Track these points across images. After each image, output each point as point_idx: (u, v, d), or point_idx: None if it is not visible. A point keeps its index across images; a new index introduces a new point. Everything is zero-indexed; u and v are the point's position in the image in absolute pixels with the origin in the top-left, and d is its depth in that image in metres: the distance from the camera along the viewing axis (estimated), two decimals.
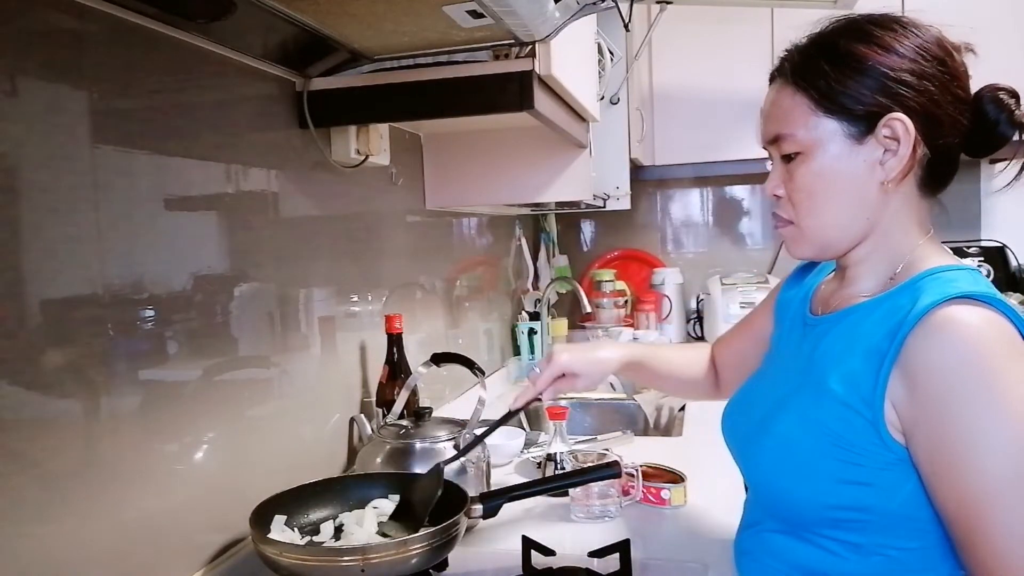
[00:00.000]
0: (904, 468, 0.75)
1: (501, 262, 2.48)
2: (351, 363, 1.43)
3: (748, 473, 0.92)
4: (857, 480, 0.77)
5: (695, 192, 3.09)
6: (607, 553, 1.02)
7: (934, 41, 0.80)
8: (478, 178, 1.76)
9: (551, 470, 1.41)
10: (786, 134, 0.84)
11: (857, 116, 0.79)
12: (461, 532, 0.94)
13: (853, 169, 0.80)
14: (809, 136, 0.82)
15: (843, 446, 0.77)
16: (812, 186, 0.82)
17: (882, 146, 0.79)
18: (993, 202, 2.82)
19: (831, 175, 0.81)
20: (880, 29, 0.80)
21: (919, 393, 0.72)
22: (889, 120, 0.78)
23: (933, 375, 0.71)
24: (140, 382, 0.89)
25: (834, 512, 0.79)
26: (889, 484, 0.76)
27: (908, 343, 0.73)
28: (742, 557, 0.93)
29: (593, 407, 2.18)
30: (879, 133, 0.79)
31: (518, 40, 1.08)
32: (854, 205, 0.82)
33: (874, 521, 0.77)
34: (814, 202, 0.83)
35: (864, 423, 0.75)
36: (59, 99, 0.79)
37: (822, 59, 0.82)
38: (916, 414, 0.73)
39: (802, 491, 0.81)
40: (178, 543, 0.95)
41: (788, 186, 0.85)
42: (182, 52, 0.98)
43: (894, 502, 0.76)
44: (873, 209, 0.81)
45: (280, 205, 1.20)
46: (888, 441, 0.75)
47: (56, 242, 0.78)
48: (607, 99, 2.25)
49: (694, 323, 2.94)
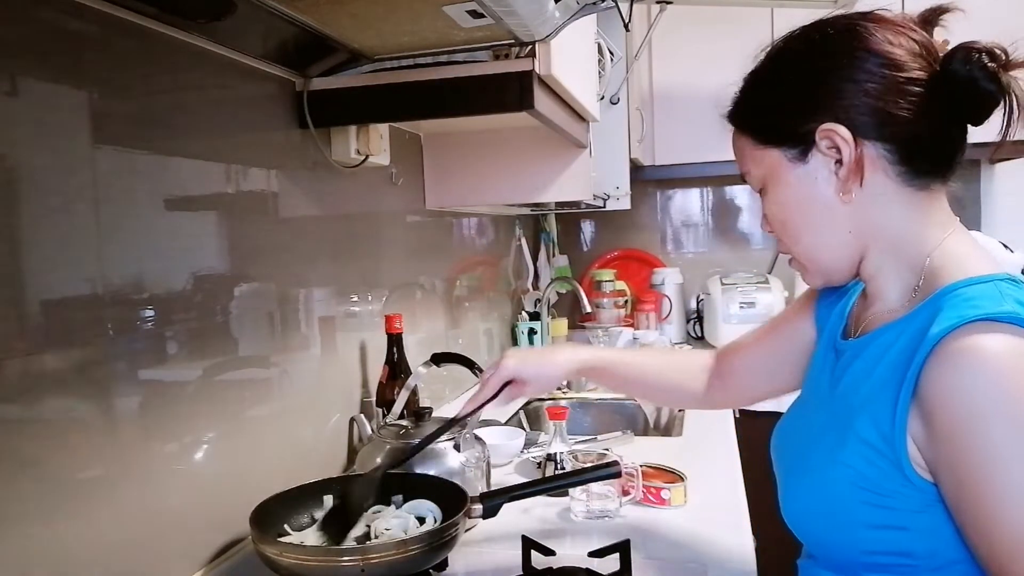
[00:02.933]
0: (942, 509, 0.68)
1: (501, 262, 2.48)
2: (351, 363, 1.43)
3: (784, 510, 0.83)
4: (891, 525, 0.71)
5: (695, 192, 3.09)
6: (607, 553, 1.02)
7: (858, 35, 0.75)
8: (478, 178, 1.76)
9: (551, 470, 1.41)
10: (746, 172, 0.85)
11: (791, 138, 0.78)
12: (461, 532, 0.94)
13: (809, 188, 0.78)
14: (760, 170, 0.82)
15: (872, 489, 0.71)
16: (782, 215, 0.82)
17: (829, 157, 0.76)
18: (993, 202, 2.82)
19: (793, 201, 0.80)
20: (804, 45, 0.79)
21: (937, 430, 0.66)
22: (823, 132, 0.75)
23: (949, 411, 0.65)
24: (140, 382, 0.89)
25: (875, 558, 0.73)
26: (928, 527, 0.69)
27: (924, 374, 0.66)
28: None
29: (593, 407, 2.17)
30: (821, 146, 0.76)
31: (518, 40, 1.08)
32: (828, 223, 0.79)
33: (921, 566, 0.71)
34: (791, 231, 0.82)
35: (888, 464, 0.69)
36: (59, 99, 0.80)
37: (748, 95, 0.83)
38: (936, 453, 0.67)
39: (837, 537, 0.76)
40: (178, 543, 0.95)
41: (769, 220, 0.85)
42: (182, 52, 0.98)
43: (938, 545, 0.69)
44: (851, 221, 0.77)
45: (280, 205, 1.20)
46: (916, 481, 0.68)
47: (56, 242, 0.78)
48: (607, 99, 2.25)
49: (694, 323, 2.94)
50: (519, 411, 2.09)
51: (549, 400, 2.18)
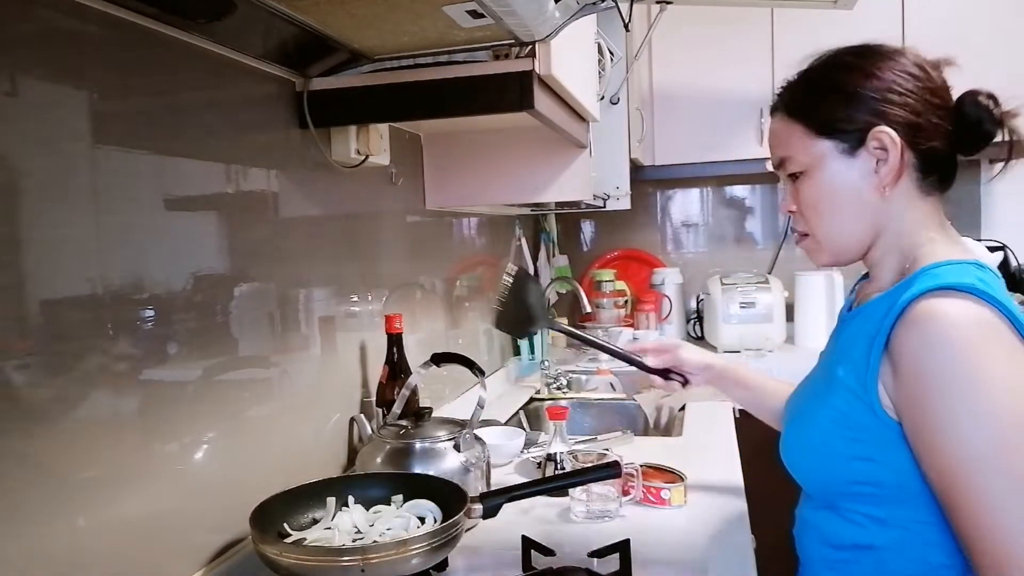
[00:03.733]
0: (905, 447, 0.83)
1: (501, 262, 2.48)
2: (351, 363, 1.43)
3: (784, 453, 1.00)
4: (864, 456, 0.86)
5: (695, 192, 3.09)
6: (607, 553, 1.02)
7: (909, 61, 0.90)
8: (478, 178, 1.76)
9: (551, 470, 1.41)
10: (788, 157, 0.95)
11: (847, 133, 0.90)
12: (461, 532, 0.94)
13: (851, 180, 0.91)
14: (806, 157, 0.93)
15: (849, 426, 0.86)
16: (817, 200, 0.94)
17: (874, 156, 0.89)
18: (993, 202, 2.82)
19: (832, 188, 0.92)
20: (860, 58, 0.91)
21: (902, 377, 0.81)
22: (876, 133, 0.88)
23: (913, 361, 0.80)
24: (140, 382, 0.89)
25: (851, 487, 0.88)
26: (894, 460, 0.84)
27: (893, 332, 0.82)
28: (796, 531, 1.02)
29: (593, 407, 2.18)
30: (869, 145, 0.89)
31: (518, 40, 1.08)
32: (857, 212, 0.92)
33: (888, 495, 0.85)
34: (822, 214, 0.94)
35: (863, 404, 0.85)
36: (59, 99, 0.80)
37: (810, 90, 0.94)
38: (901, 396, 0.82)
39: (822, 470, 0.92)
40: (178, 543, 0.95)
41: (798, 202, 0.96)
42: (182, 52, 0.98)
43: (902, 476, 0.83)
44: (876, 213, 0.91)
45: (280, 205, 1.20)
46: (884, 419, 0.83)
47: (56, 242, 0.78)
48: (607, 99, 2.25)
49: (694, 323, 2.94)
50: (519, 411, 2.09)
51: (549, 400, 2.18)
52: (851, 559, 0.90)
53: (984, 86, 0.89)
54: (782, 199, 1.00)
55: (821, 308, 2.63)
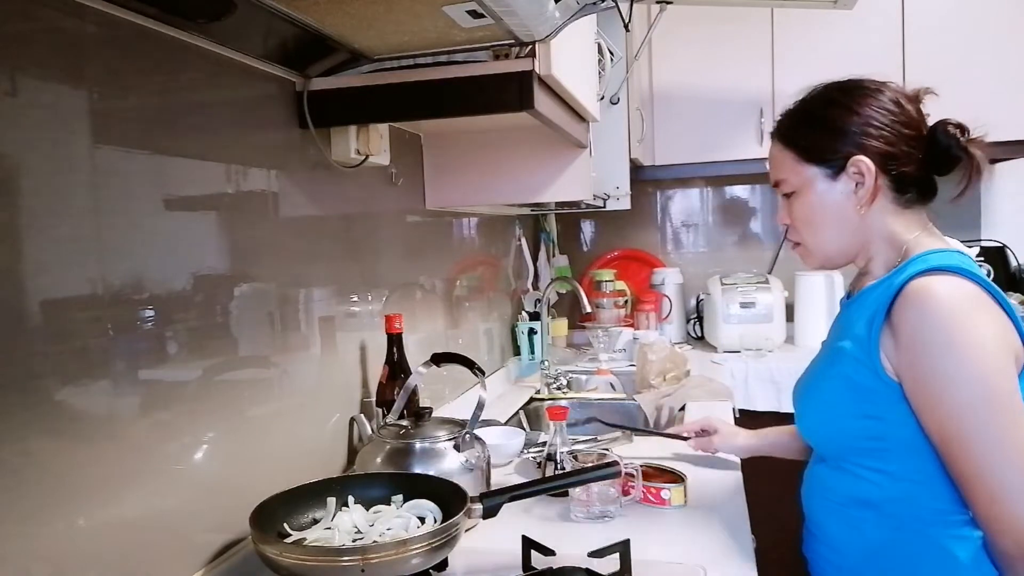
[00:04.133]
0: (906, 405, 0.97)
1: (501, 262, 2.48)
2: (351, 363, 1.43)
3: (797, 422, 1.16)
4: (871, 415, 1.00)
5: (695, 192, 3.09)
6: (607, 553, 1.02)
7: (887, 97, 1.05)
8: (478, 178, 1.76)
9: (551, 470, 1.41)
10: (782, 180, 1.12)
11: (831, 162, 1.06)
12: (461, 532, 0.94)
13: (834, 200, 1.07)
14: (798, 180, 1.09)
15: (856, 388, 1.01)
16: (807, 215, 1.10)
17: (853, 180, 1.05)
18: (993, 202, 2.82)
19: (819, 206, 1.08)
20: (845, 95, 1.07)
21: (902, 344, 0.96)
22: (855, 162, 1.04)
23: (911, 330, 0.95)
24: (140, 382, 0.89)
25: (860, 442, 1.02)
26: (897, 417, 0.98)
27: (892, 307, 0.97)
28: (804, 490, 1.15)
29: (593, 407, 2.18)
30: (849, 171, 1.05)
31: (518, 40, 1.08)
32: (840, 226, 1.08)
33: (892, 449, 0.99)
34: (811, 227, 1.11)
35: (867, 369, 0.99)
36: (59, 99, 0.80)
37: (801, 122, 1.10)
38: (902, 360, 0.96)
39: (833, 430, 1.07)
40: (178, 543, 0.95)
41: (791, 217, 1.12)
42: (182, 52, 0.98)
43: (905, 431, 0.97)
44: (857, 227, 1.07)
45: (280, 205, 1.20)
46: (886, 380, 0.98)
47: (56, 242, 0.78)
48: (607, 99, 2.25)
49: (694, 323, 2.94)
50: (519, 411, 2.09)
51: (549, 400, 2.18)
52: (859, 514, 1.03)
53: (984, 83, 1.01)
54: (778, 212, 1.15)
55: (821, 308, 2.63)
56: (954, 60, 2.45)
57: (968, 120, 1.05)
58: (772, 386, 2.41)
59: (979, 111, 1.11)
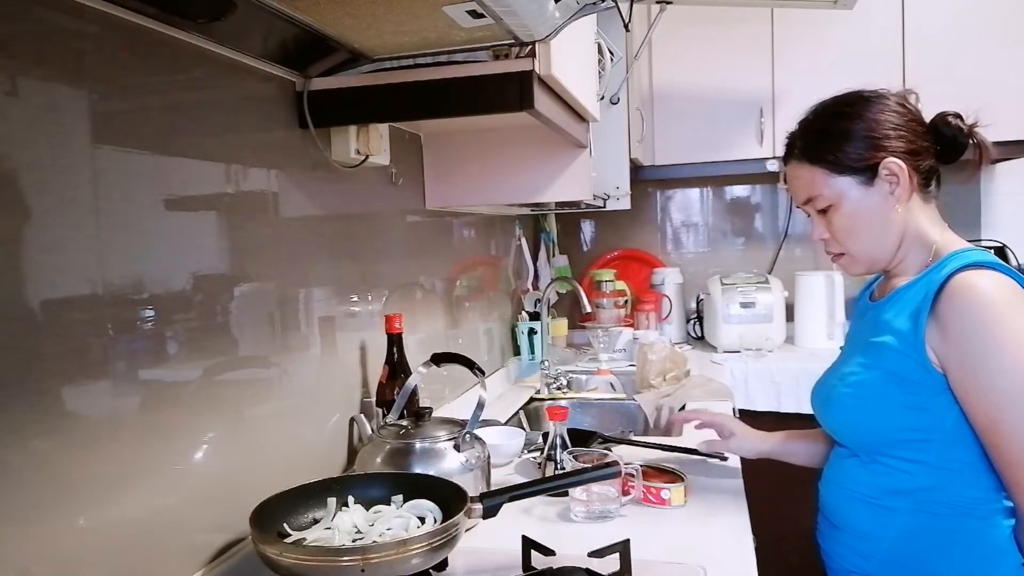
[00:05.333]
0: (950, 396, 1.01)
1: (501, 262, 2.48)
2: (351, 363, 1.43)
3: (830, 420, 1.17)
4: (916, 406, 1.03)
5: (695, 192, 3.09)
6: (607, 553, 1.02)
7: (892, 101, 1.10)
8: (478, 178, 1.76)
9: (551, 470, 1.41)
10: (815, 196, 1.13)
11: (862, 169, 1.09)
12: (461, 532, 0.94)
13: (872, 204, 1.10)
14: (832, 193, 1.11)
15: (902, 381, 1.04)
16: (848, 225, 1.12)
17: (887, 182, 1.09)
18: (993, 202, 2.82)
19: (859, 213, 1.11)
20: (854, 107, 1.11)
21: (948, 336, 1.00)
22: (887, 164, 1.08)
23: (957, 323, 1.00)
24: (140, 382, 0.89)
25: (903, 434, 1.05)
26: (940, 408, 1.02)
27: (937, 301, 1.02)
28: (826, 486, 1.18)
29: (593, 407, 2.18)
30: (881, 174, 1.08)
31: (518, 40, 1.08)
32: (883, 228, 1.11)
33: (934, 440, 1.03)
34: (854, 235, 1.13)
35: (913, 362, 1.03)
36: (59, 99, 0.79)
37: (821, 139, 1.12)
38: (947, 352, 1.01)
39: (875, 423, 1.08)
40: (178, 543, 0.95)
41: (831, 229, 1.14)
42: (182, 52, 0.98)
43: (947, 422, 1.02)
44: (897, 226, 1.11)
45: (280, 205, 1.20)
46: (932, 372, 1.02)
47: (56, 242, 0.78)
48: (607, 99, 2.25)
49: (694, 323, 2.94)
50: (519, 411, 2.09)
51: (549, 400, 2.18)
52: (892, 503, 1.07)
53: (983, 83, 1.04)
54: (813, 229, 1.17)
55: (821, 308, 2.62)
56: (954, 60, 2.45)
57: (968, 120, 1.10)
58: (772, 386, 2.40)
59: (979, 111, 1.12)
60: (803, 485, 1.24)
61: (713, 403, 1.96)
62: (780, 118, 2.60)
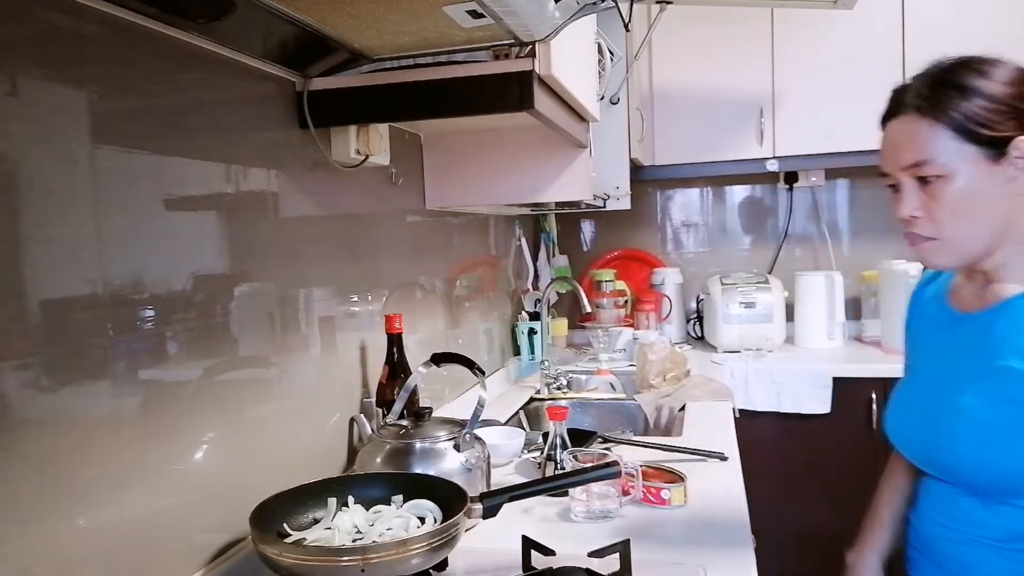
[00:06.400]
0: None
1: (501, 262, 2.48)
2: (351, 363, 1.43)
3: (939, 458, 1.00)
4: None
5: (695, 192, 3.09)
6: (607, 553, 1.02)
7: (1017, 69, 0.92)
8: (478, 178, 1.76)
9: (551, 470, 1.41)
10: (927, 160, 0.92)
11: (993, 142, 0.90)
12: (461, 532, 0.94)
13: (991, 187, 0.91)
14: (951, 161, 0.91)
15: None
16: (956, 204, 0.92)
17: (1014, 164, 0.90)
18: None
19: (972, 193, 0.92)
20: (996, 68, 0.91)
21: None
22: (1019, 142, 0.89)
23: None
24: (140, 382, 0.89)
25: None
26: None
27: None
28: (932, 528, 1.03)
29: (593, 407, 2.18)
30: (1011, 154, 0.90)
31: (518, 40, 1.08)
32: (992, 217, 0.93)
33: None
34: (958, 218, 0.93)
35: None
36: (59, 99, 0.80)
37: (954, 94, 0.91)
38: None
39: (1009, 461, 0.91)
40: (178, 543, 0.95)
41: (929, 206, 0.94)
42: (182, 52, 0.98)
43: None
44: (1007, 218, 0.93)
45: (280, 205, 1.20)
46: None
47: (56, 242, 0.78)
48: (607, 99, 2.25)
49: (694, 323, 2.94)
50: (519, 411, 2.09)
51: (549, 400, 2.18)
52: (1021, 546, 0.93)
53: None
54: (900, 203, 0.96)
55: (821, 308, 2.62)
56: None
57: None
58: (772, 386, 2.40)
59: None
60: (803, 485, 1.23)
61: (713, 402, 1.96)
62: (780, 118, 2.60)
